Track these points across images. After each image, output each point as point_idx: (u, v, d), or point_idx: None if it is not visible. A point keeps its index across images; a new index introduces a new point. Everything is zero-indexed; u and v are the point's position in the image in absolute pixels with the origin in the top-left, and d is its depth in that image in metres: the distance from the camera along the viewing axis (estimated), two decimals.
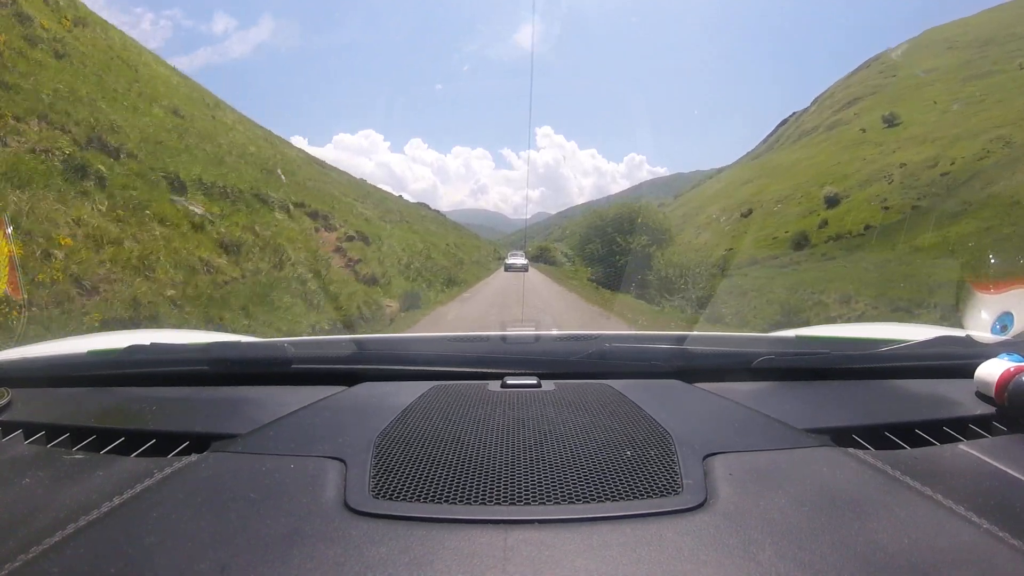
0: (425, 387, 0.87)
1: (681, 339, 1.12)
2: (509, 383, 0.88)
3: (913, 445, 0.70)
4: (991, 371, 0.77)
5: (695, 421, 0.74)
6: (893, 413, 0.79)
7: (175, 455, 0.67)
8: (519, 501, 0.55)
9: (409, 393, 0.83)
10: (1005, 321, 1.09)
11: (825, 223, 25.87)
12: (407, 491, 0.56)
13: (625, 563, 0.45)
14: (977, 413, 0.76)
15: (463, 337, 1.31)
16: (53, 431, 0.75)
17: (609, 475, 0.59)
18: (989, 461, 0.63)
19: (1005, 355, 0.79)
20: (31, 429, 0.75)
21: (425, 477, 0.59)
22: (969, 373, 0.82)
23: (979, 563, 0.45)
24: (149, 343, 1.00)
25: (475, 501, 0.55)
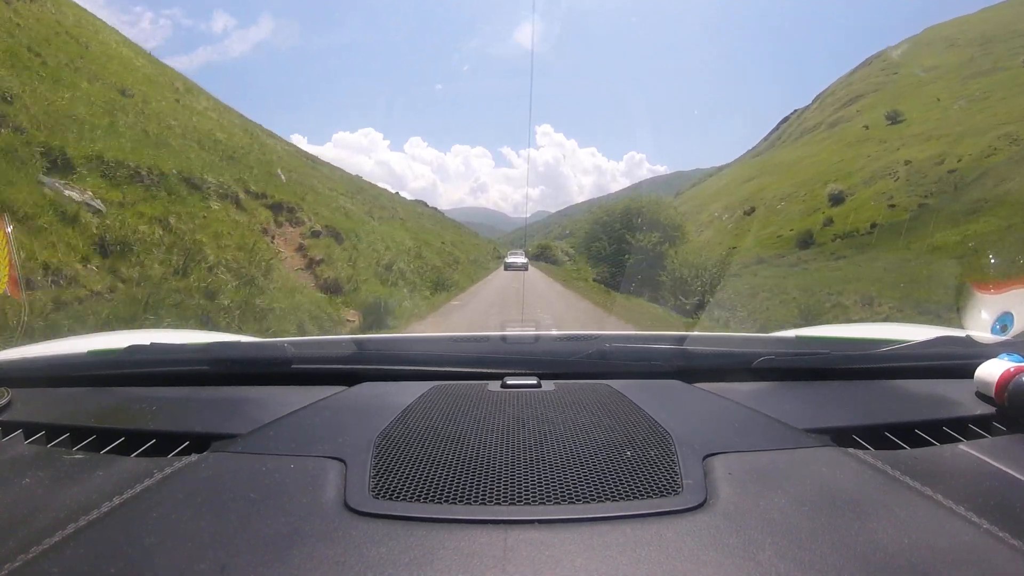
0: (425, 387, 0.87)
1: (681, 339, 1.12)
2: (509, 383, 0.88)
3: (913, 445, 0.70)
4: (991, 371, 0.77)
5: (695, 421, 0.74)
6: (893, 413, 0.79)
7: (175, 455, 0.67)
8: (519, 501, 0.55)
9: (409, 393, 0.84)
10: (1005, 321, 1.09)
11: (830, 221, 25.52)
12: (407, 491, 0.56)
13: (625, 563, 0.45)
14: (977, 413, 0.76)
15: (463, 337, 1.32)
16: (53, 431, 0.75)
17: (609, 475, 0.59)
18: (989, 461, 0.63)
19: (1005, 355, 0.79)
20: (31, 429, 0.75)
21: (425, 477, 0.59)
22: (969, 373, 0.82)
23: (979, 563, 0.45)
24: (149, 343, 1.00)
25: (475, 501, 0.55)
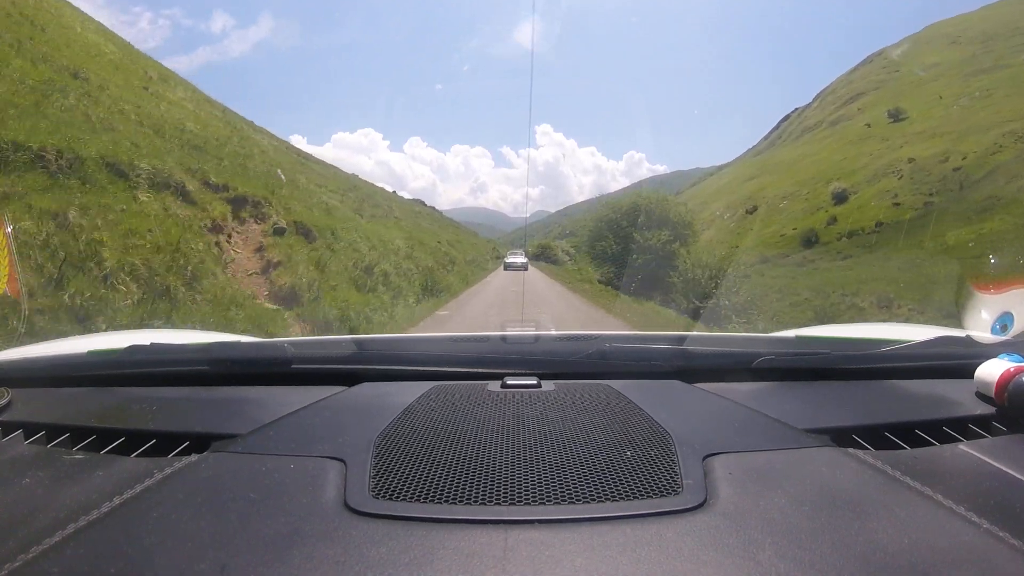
0: (425, 387, 0.87)
1: (681, 339, 1.12)
2: (509, 383, 0.88)
3: (913, 445, 0.70)
4: (991, 371, 0.77)
5: (695, 421, 0.74)
6: (893, 413, 0.79)
7: (175, 455, 0.67)
8: (519, 501, 0.55)
9: (409, 393, 0.83)
10: (1005, 321, 1.09)
11: (834, 220, 25.32)
12: (407, 491, 0.56)
13: (625, 563, 0.45)
14: (977, 413, 0.76)
15: (463, 337, 1.32)
16: (53, 431, 0.75)
17: (609, 475, 0.59)
18: (989, 461, 0.63)
19: (1005, 355, 0.79)
20: (31, 429, 0.75)
21: (425, 477, 0.59)
22: (969, 373, 0.82)
23: (979, 563, 0.45)
24: (149, 343, 1.00)
25: (475, 501, 0.55)
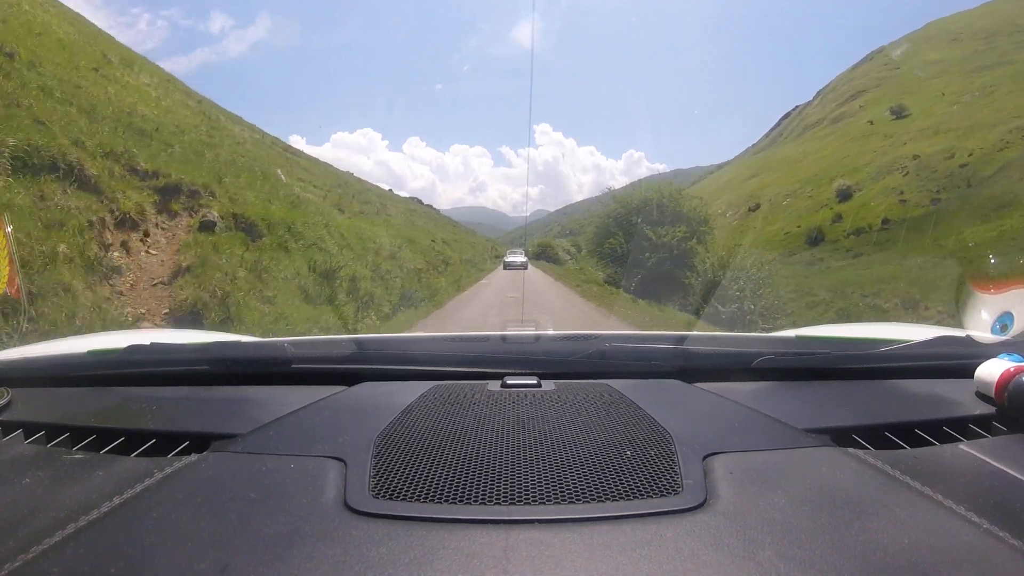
0: (425, 387, 0.87)
1: (681, 339, 1.12)
2: (509, 383, 0.88)
3: (913, 445, 0.70)
4: (991, 371, 0.77)
5: (695, 421, 0.74)
6: (893, 413, 0.79)
7: (175, 455, 0.67)
8: (519, 501, 0.55)
9: (409, 393, 0.83)
10: (1005, 321, 1.09)
11: (839, 217, 24.84)
12: (407, 491, 0.56)
13: (625, 563, 0.45)
14: (977, 413, 0.76)
15: (463, 337, 1.32)
16: (53, 431, 0.75)
17: (609, 475, 0.59)
18: (989, 461, 0.63)
19: (1005, 355, 0.79)
20: (31, 429, 0.75)
21: (425, 477, 0.59)
22: (969, 373, 0.82)
23: (979, 563, 0.45)
24: (149, 343, 0.99)
25: (475, 501, 0.55)
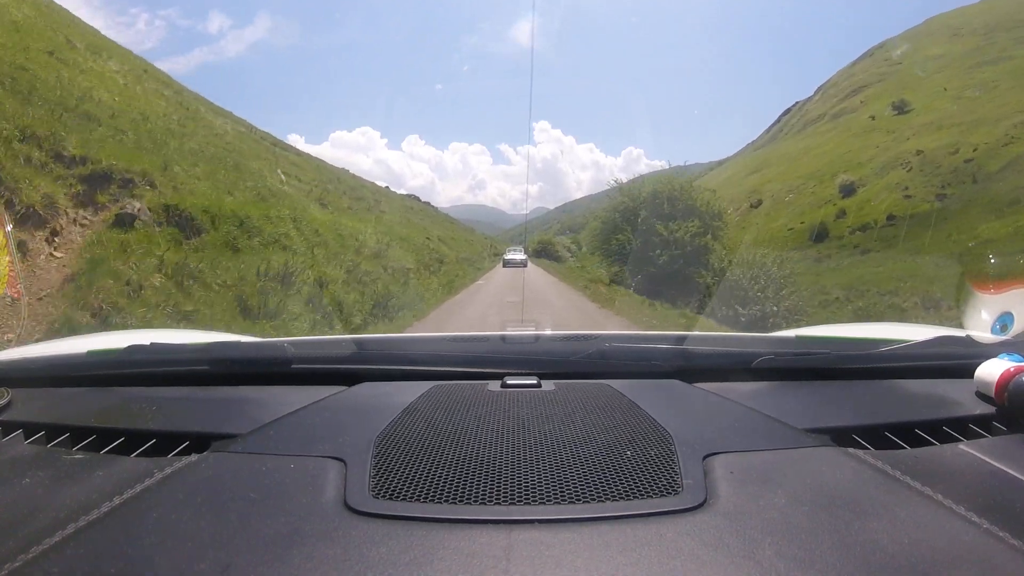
0: (425, 387, 0.87)
1: (681, 339, 1.12)
2: (509, 383, 0.88)
3: (913, 445, 0.70)
4: (991, 371, 0.77)
5: (695, 421, 0.74)
6: (893, 413, 0.79)
7: (175, 455, 0.67)
8: (519, 501, 0.55)
9: (409, 393, 0.83)
10: (1005, 321, 1.09)
11: (843, 213, 24.53)
12: (407, 491, 0.56)
13: (625, 563, 0.45)
14: (977, 413, 0.76)
15: (463, 337, 1.32)
16: (53, 431, 0.75)
17: (609, 475, 0.59)
18: (989, 461, 0.63)
19: (1005, 355, 0.79)
20: (31, 429, 0.75)
21: (425, 477, 0.59)
22: (969, 373, 0.82)
23: (979, 563, 0.45)
24: (149, 343, 0.99)
25: (475, 501, 0.55)
